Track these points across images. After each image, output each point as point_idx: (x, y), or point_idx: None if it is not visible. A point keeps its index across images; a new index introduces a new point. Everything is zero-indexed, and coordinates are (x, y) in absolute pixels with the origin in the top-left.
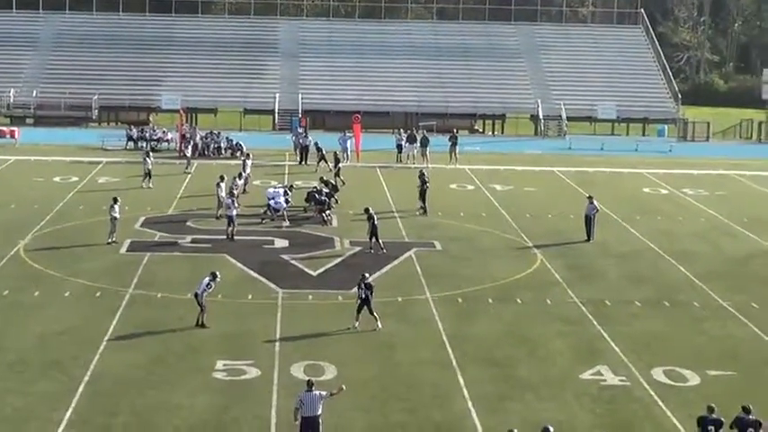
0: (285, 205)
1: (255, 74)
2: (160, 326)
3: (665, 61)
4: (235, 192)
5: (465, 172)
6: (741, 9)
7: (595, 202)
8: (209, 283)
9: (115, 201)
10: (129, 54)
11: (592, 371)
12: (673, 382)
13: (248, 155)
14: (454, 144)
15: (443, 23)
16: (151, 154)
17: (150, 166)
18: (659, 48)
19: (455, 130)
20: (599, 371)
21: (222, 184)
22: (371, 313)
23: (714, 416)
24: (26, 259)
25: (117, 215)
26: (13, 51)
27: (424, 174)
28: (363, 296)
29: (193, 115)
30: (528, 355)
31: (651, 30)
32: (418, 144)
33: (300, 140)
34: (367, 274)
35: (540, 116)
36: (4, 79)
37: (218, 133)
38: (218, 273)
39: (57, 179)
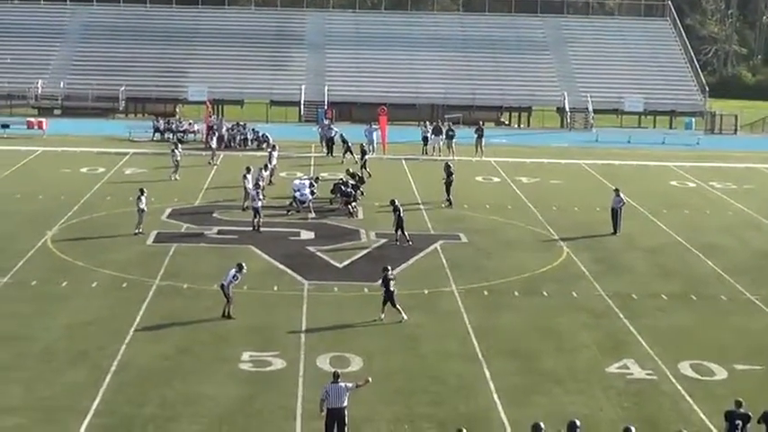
0: (311, 197)
1: (282, 65)
2: (186, 317)
3: (692, 54)
4: (261, 183)
5: (491, 164)
6: None
7: (622, 195)
8: (235, 275)
9: (142, 192)
10: (155, 45)
11: (618, 364)
12: (700, 376)
13: (274, 146)
14: (480, 136)
15: (470, 15)
16: (179, 146)
17: (179, 158)
18: (686, 40)
19: (481, 123)
20: (625, 364)
21: (249, 176)
22: (394, 306)
23: (742, 410)
24: (54, 250)
25: (144, 206)
26: (40, 43)
27: (449, 166)
28: (389, 289)
29: (220, 107)
30: (554, 348)
31: (678, 22)
32: (444, 136)
33: (326, 132)
34: (389, 267)
35: (567, 109)
36: (32, 70)
37: (245, 125)
38: (244, 264)
39: (84, 170)
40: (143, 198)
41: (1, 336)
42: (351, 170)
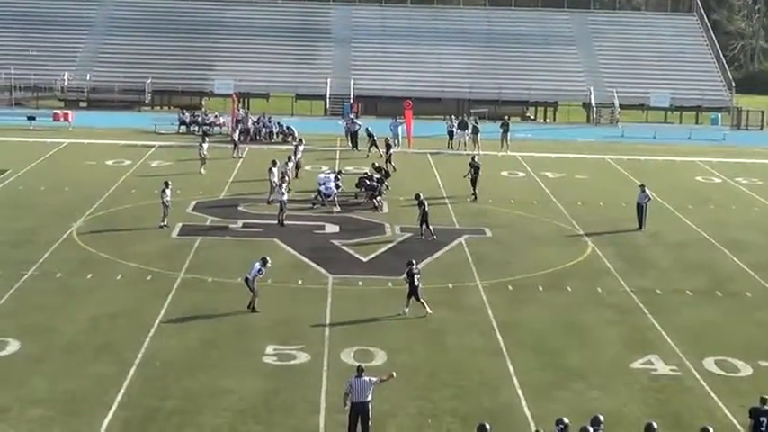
0: (336, 191)
1: (307, 59)
2: (211, 310)
3: (719, 49)
4: (286, 177)
5: (516, 159)
6: None
7: (647, 191)
8: (260, 269)
9: (167, 185)
10: (182, 38)
11: (642, 360)
12: (725, 373)
13: (300, 140)
14: (506, 131)
15: (496, 10)
16: (206, 139)
17: (205, 153)
18: (713, 35)
19: (506, 117)
20: (650, 360)
21: (274, 170)
22: (418, 300)
23: (767, 407)
24: (79, 242)
25: (169, 199)
26: (67, 35)
27: (476, 161)
28: (414, 283)
29: (245, 100)
30: (578, 344)
31: (705, 17)
32: (470, 131)
33: (350, 126)
34: (414, 261)
35: (593, 104)
36: (59, 63)
37: (270, 118)
38: (268, 258)
39: (109, 162)
40: (167, 191)
41: (27, 328)
42: (376, 164)
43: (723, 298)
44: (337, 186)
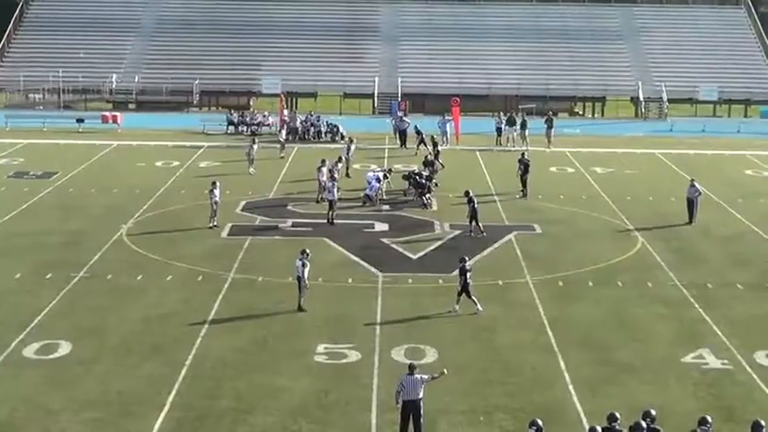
0: (377, 186)
1: (355, 58)
2: (261, 309)
3: (767, 42)
4: (335, 176)
5: (565, 155)
6: None
7: (697, 185)
8: (303, 262)
9: (214, 185)
10: (229, 38)
11: (693, 354)
12: None
13: (351, 140)
14: (550, 127)
15: (543, 5)
16: (257, 140)
17: (254, 153)
18: (761, 28)
19: (550, 113)
20: (701, 354)
21: (323, 169)
22: (469, 297)
23: None
24: (129, 243)
25: (217, 199)
26: (115, 37)
27: (525, 158)
28: (467, 279)
29: (293, 99)
30: (629, 339)
31: (753, 10)
32: (518, 127)
33: (399, 124)
34: (467, 258)
35: (641, 98)
36: (107, 65)
37: (318, 116)
38: (306, 249)
39: (158, 164)
40: (216, 191)
41: (79, 329)
42: (428, 158)
43: None
44: (381, 181)
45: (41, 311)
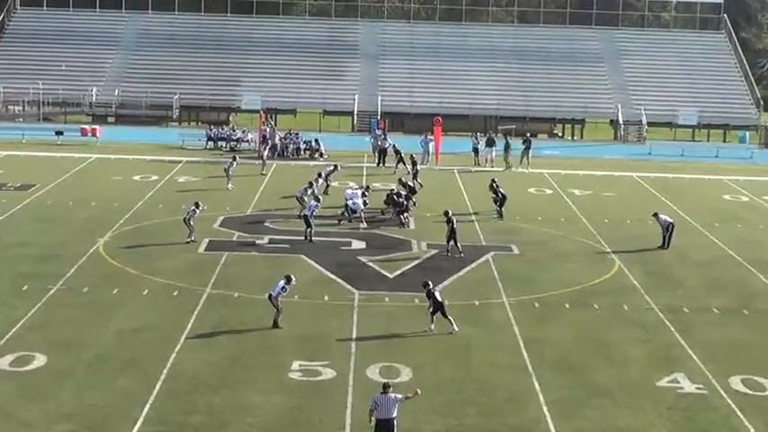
0: (363, 207)
1: (335, 75)
2: (237, 325)
3: (747, 67)
4: (314, 193)
5: (543, 176)
6: None
7: (662, 216)
8: (283, 287)
9: (197, 206)
10: (210, 54)
11: (669, 378)
12: (751, 391)
13: (337, 167)
14: (527, 148)
15: (524, 27)
16: (237, 157)
17: (233, 171)
18: (742, 54)
19: (528, 134)
20: (676, 378)
21: (310, 190)
22: (445, 317)
23: None
24: (106, 257)
25: (196, 217)
26: (95, 50)
27: (495, 184)
28: (438, 299)
29: (273, 116)
30: (604, 361)
31: (734, 35)
32: (502, 149)
33: (379, 142)
34: (430, 282)
35: (620, 121)
36: (87, 78)
37: (297, 134)
38: (293, 276)
39: (136, 178)
40: (197, 211)
41: (54, 342)
42: (403, 179)
43: (750, 316)
44: (365, 203)
45: (17, 323)
